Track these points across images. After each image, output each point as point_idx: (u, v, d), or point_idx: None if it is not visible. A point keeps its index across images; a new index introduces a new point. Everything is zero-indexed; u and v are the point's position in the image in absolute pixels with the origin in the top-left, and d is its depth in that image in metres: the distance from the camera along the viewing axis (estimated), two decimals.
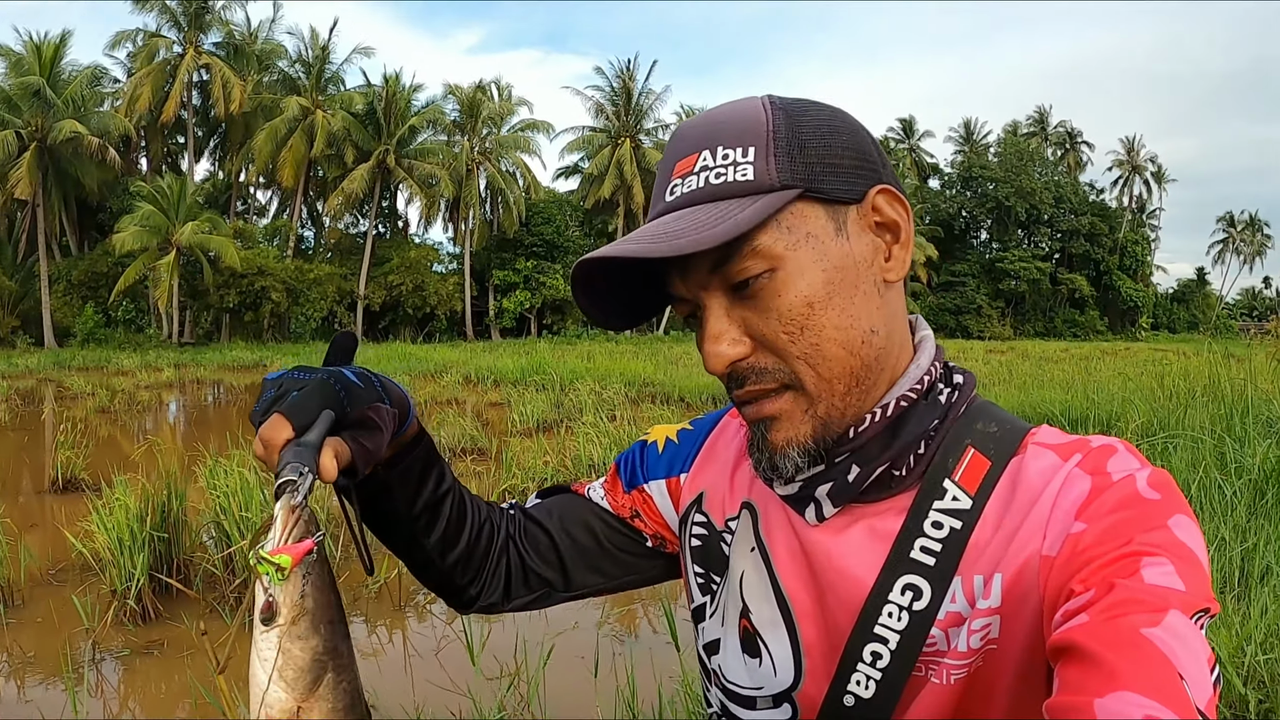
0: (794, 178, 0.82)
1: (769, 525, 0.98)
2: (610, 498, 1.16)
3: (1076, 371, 20.07)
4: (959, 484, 0.85)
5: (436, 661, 5.15)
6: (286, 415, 0.82)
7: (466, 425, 12.77)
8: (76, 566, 6.50)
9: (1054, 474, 0.81)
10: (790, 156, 0.83)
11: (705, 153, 0.84)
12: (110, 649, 5.26)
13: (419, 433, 1.04)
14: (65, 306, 43.70)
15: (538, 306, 53.58)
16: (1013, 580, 0.79)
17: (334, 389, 0.85)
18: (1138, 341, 64.60)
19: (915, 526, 0.85)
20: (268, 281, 44.32)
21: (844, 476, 0.87)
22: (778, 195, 0.81)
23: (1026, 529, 0.79)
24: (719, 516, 1.05)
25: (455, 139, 51.29)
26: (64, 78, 43.07)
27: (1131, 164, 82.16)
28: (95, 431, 14.03)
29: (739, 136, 0.84)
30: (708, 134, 0.86)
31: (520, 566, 1.15)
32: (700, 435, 1.14)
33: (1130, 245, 74.04)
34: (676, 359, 27.92)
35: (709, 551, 1.05)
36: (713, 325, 0.85)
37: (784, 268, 0.82)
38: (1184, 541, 0.70)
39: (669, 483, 1.13)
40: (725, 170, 0.83)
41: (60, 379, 25.91)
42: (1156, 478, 0.76)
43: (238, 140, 49.48)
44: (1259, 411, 7.31)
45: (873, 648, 0.84)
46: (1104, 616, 0.63)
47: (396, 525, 1.05)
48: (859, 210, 0.86)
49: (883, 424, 0.87)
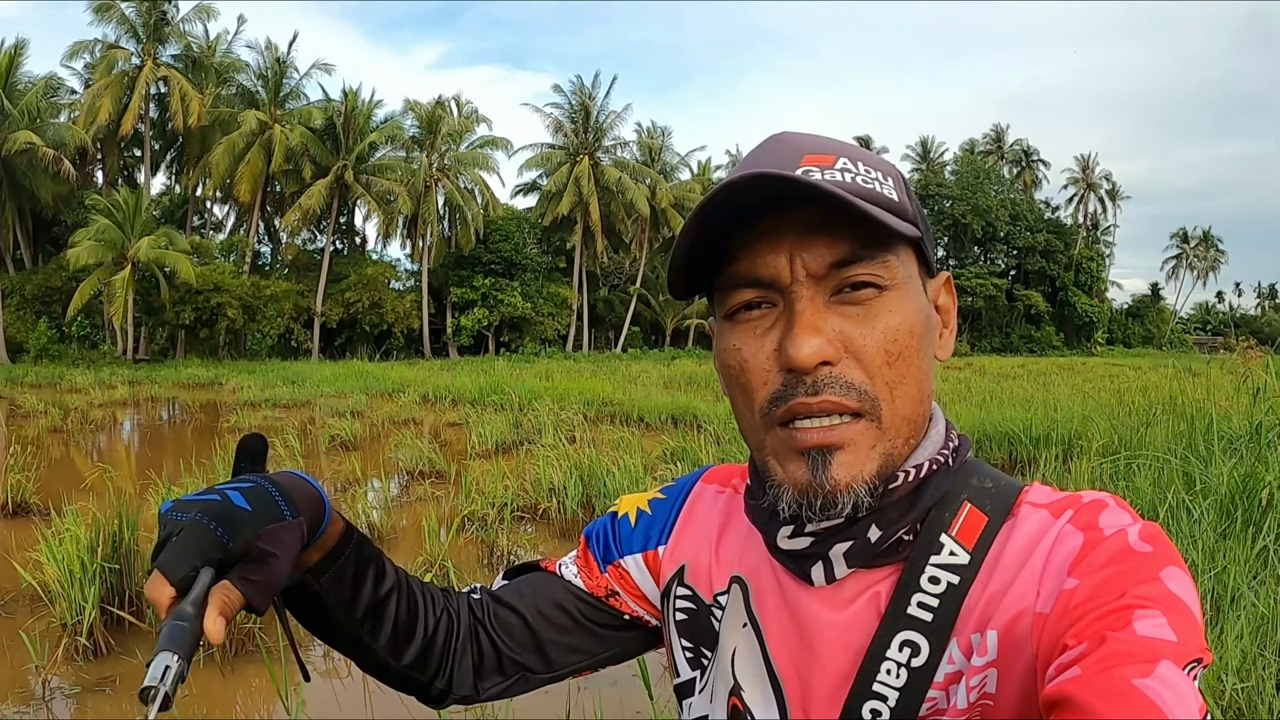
0: (919, 224, 0.84)
1: (761, 599, 0.94)
2: (584, 576, 1.11)
3: (1035, 388, 20.28)
4: (956, 539, 0.83)
5: (398, 695, 5.02)
6: (164, 572, 0.76)
7: (424, 447, 12.69)
8: (26, 597, 6.35)
9: (1045, 531, 0.80)
10: (917, 209, 0.85)
11: (844, 159, 0.82)
12: (61, 686, 5.11)
13: (345, 531, 0.97)
14: (18, 321, 43.14)
15: (495, 324, 53.32)
16: (1006, 636, 0.77)
17: (210, 532, 0.78)
18: (1093, 356, 65.57)
19: (912, 582, 0.83)
20: (224, 298, 43.89)
21: (864, 536, 0.83)
22: (911, 227, 0.79)
23: (1019, 585, 0.78)
24: (706, 590, 1.01)
25: (414, 155, 51.02)
26: (19, 88, 42.60)
27: (1086, 182, 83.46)
28: (47, 452, 13.82)
29: (877, 165, 0.84)
30: (842, 150, 0.84)
31: (494, 653, 1.09)
32: (675, 504, 1.10)
33: (1085, 261, 75.19)
34: (635, 377, 28.00)
35: (697, 625, 1.01)
36: (810, 316, 0.78)
37: (896, 292, 0.80)
38: (1175, 593, 0.69)
39: (646, 556, 1.08)
40: (871, 181, 0.81)
41: (12, 395, 25.50)
42: (1148, 531, 0.75)
43: (195, 154, 48.97)
44: (1220, 429, 7.35)
45: (872, 705, 0.82)
46: (1096, 669, 0.63)
47: (338, 632, 0.98)
48: (934, 283, 0.89)
49: (911, 486, 0.83)
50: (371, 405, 21.70)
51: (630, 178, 53.49)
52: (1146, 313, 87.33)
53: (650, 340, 62.82)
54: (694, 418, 16.63)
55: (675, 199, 56.13)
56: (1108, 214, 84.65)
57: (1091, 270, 75.66)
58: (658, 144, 60.78)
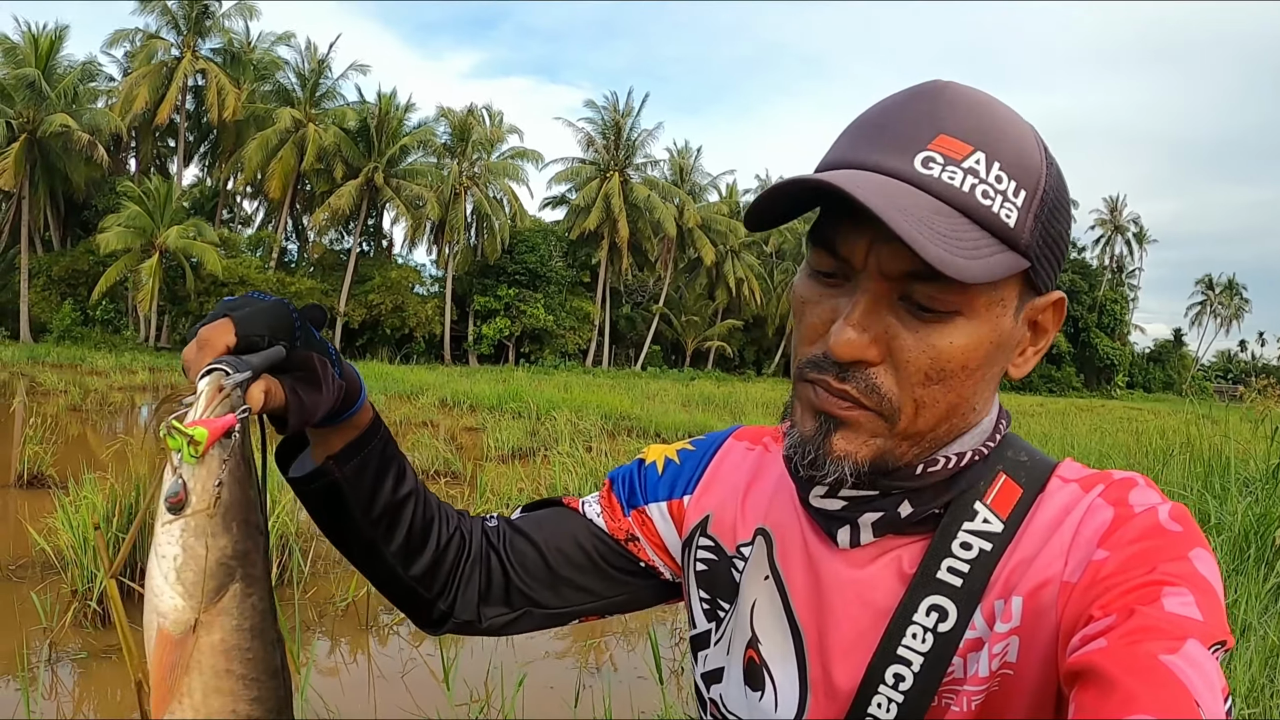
0: (1032, 251, 0.77)
1: (785, 553, 0.94)
2: (607, 517, 1.09)
3: (1053, 426, 20.13)
4: (990, 507, 0.83)
5: (403, 684, 5.05)
6: (236, 321, 0.74)
7: (441, 448, 12.67)
8: (38, 564, 6.38)
9: (1075, 504, 0.80)
10: (1043, 228, 0.77)
11: (981, 154, 0.75)
12: (67, 650, 5.14)
13: (372, 423, 0.96)
14: (43, 301, 43.45)
15: (517, 334, 53.39)
16: (1031, 603, 0.77)
17: (291, 319, 0.78)
18: (1113, 399, 65.18)
19: (943, 547, 0.82)
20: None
21: (894, 509, 0.84)
22: (1017, 259, 0.75)
23: (1046, 555, 0.78)
24: (729, 541, 1.00)
25: (445, 162, 51.20)
26: (59, 71, 43.02)
27: (1114, 224, 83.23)
28: (65, 429, 13.87)
29: (1017, 166, 0.76)
30: (989, 134, 0.76)
31: (503, 581, 1.06)
32: (704, 456, 1.09)
33: (1109, 304, 74.90)
34: (653, 395, 27.95)
35: (716, 577, 1.01)
36: (863, 312, 0.76)
37: (969, 320, 0.76)
38: (1203, 574, 0.69)
39: (670, 505, 1.07)
40: (994, 196, 0.74)
41: (34, 374, 25.67)
42: (1177, 510, 0.75)
43: (228, 148, 49.32)
44: (1236, 471, 7.31)
45: (895, 669, 0.82)
46: (1123, 642, 0.63)
47: (353, 531, 0.97)
48: (1036, 303, 0.82)
49: (949, 472, 0.84)
50: (390, 406, 21.70)
51: (659, 196, 53.56)
52: (1168, 358, 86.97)
53: (670, 360, 62.73)
54: None
55: (703, 220, 56.12)
56: (1134, 257, 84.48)
57: (1115, 313, 75.42)
58: (689, 164, 60.87)
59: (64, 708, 4.55)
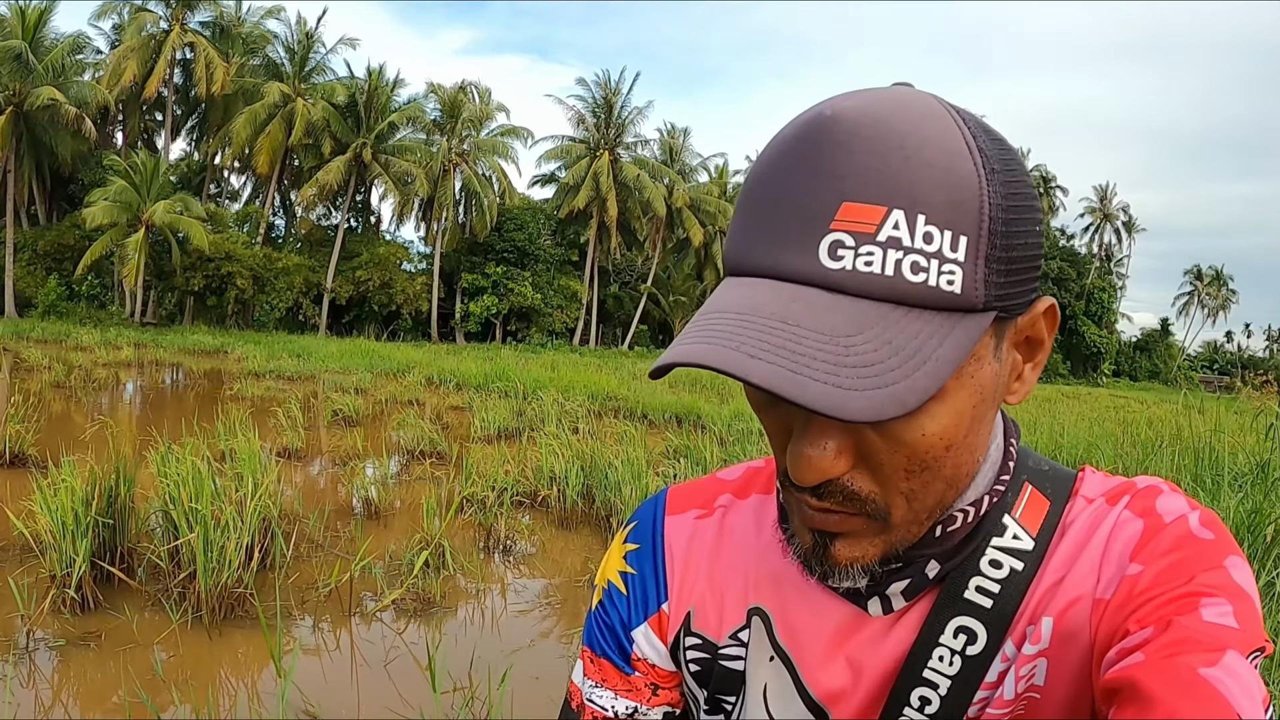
0: (996, 296, 0.64)
1: (788, 627, 0.86)
2: (621, 692, 0.96)
3: (1040, 413, 20.17)
4: (1019, 521, 0.78)
5: (385, 673, 4.99)
6: None
7: (427, 427, 12.64)
8: (16, 546, 6.30)
9: (1103, 518, 0.77)
10: (1002, 263, 0.64)
11: (898, 213, 0.60)
12: (46, 637, 5.06)
13: None
14: (28, 276, 43.24)
15: (504, 312, 53.34)
16: (1060, 624, 0.74)
17: None
18: (1099, 387, 65.41)
19: (970, 565, 0.78)
20: (235, 267, 43.94)
21: (922, 573, 0.78)
22: (977, 321, 0.63)
23: (1076, 573, 0.75)
24: (716, 632, 0.91)
25: (434, 138, 51.02)
26: (46, 44, 42.66)
27: (1103, 212, 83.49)
28: (48, 406, 13.79)
29: (947, 208, 0.61)
30: (900, 177, 0.61)
31: None
32: (654, 549, 0.96)
33: (1097, 292, 75.11)
34: (640, 375, 27.87)
35: (712, 674, 0.91)
36: (817, 428, 0.67)
37: (939, 400, 0.65)
38: (1239, 582, 0.68)
39: (652, 621, 0.95)
40: (927, 265, 0.61)
41: (18, 349, 25.53)
42: (1206, 517, 0.72)
43: (216, 122, 49.08)
44: (1226, 465, 7.29)
45: (921, 692, 0.77)
46: (1161, 655, 0.62)
47: None
48: (1019, 323, 0.70)
49: (970, 526, 0.77)
50: (376, 383, 21.65)
51: (649, 176, 53.44)
52: (1155, 347, 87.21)
53: (658, 340, 62.77)
54: (698, 418, 16.58)
55: (692, 200, 56.04)
56: (1122, 245, 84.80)
57: (1103, 301, 75.63)
58: (678, 144, 60.74)
59: (42, 697, 4.47)
